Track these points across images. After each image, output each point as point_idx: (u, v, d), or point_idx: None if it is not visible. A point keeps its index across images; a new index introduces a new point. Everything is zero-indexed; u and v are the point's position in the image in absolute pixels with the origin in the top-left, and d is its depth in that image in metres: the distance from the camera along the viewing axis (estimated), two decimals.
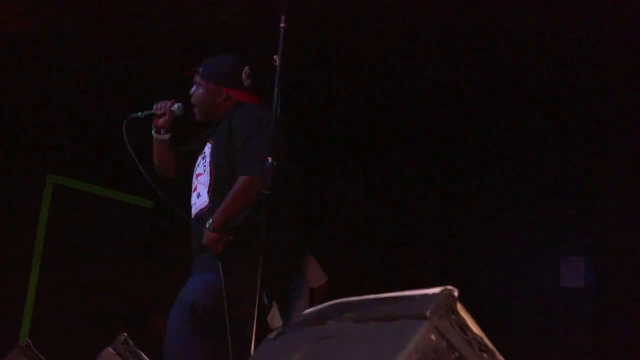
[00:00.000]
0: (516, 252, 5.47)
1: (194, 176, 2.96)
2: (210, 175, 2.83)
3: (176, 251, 6.24)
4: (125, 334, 2.51)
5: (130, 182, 5.88)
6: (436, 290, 1.18)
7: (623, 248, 4.88)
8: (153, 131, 2.97)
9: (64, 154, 6.05)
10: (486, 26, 4.29)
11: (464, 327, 1.16)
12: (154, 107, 2.94)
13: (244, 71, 2.95)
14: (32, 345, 2.89)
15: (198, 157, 2.98)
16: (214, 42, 4.70)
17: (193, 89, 2.98)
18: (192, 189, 2.94)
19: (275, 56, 2.49)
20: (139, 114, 2.94)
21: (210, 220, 2.70)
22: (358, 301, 1.39)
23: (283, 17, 2.48)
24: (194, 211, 2.89)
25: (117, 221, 6.30)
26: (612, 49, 4.36)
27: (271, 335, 1.66)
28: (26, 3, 4.32)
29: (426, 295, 1.19)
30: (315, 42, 4.45)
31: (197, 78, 2.95)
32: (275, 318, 3.13)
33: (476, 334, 1.17)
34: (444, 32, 4.37)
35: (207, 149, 2.91)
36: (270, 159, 2.40)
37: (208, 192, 2.81)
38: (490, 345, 1.18)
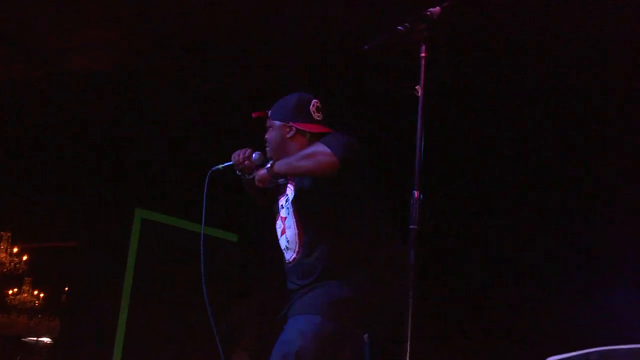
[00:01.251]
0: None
1: (279, 218, 2.89)
2: (296, 220, 2.75)
3: (260, 284, 6.39)
4: None
5: (216, 216, 6.02)
6: None
7: None
8: (239, 174, 2.94)
9: (151, 189, 6.20)
10: (486, 26, 4.29)
11: None
12: (233, 157, 2.89)
13: (312, 104, 2.87)
14: None
15: (281, 197, 2.89)
16: (214, 42, 4.71)
17: (267, 132, 2.93)
18: (280, 232, 2.86)
19: (417, 87, 2.38)
20: (220, 166, 2.95)
21: (271, 163, 2.67)
22: (631, 350, 1.25)
23: (423, 47, 2.40)
24: (288, 257, 2.81)
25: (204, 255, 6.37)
26: (612, 49, 4.36)
27: None
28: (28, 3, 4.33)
29: None
30: None
31: (268, 122, 2.91)
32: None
33: None
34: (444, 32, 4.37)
35: (289, 191, 2.81)
36: (417, 193, 2.29)
37: (298, 237, 2.75)
38: None
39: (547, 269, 5.45)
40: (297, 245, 2.74)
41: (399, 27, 2.39)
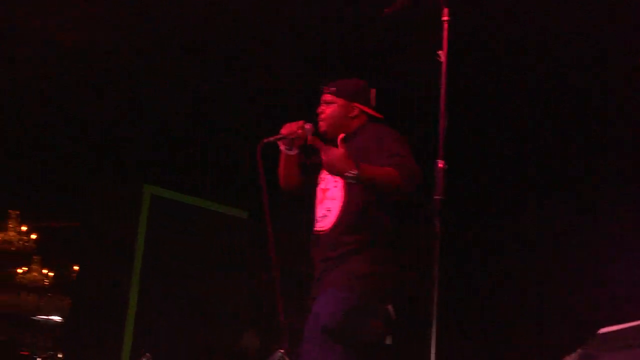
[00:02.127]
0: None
1: (319, 189, 3.03)
2: (344, 192, 2.88)
3: (270, 263, 6.34)
4: (282, 350, 2.47)
5: (226, 193, 6.08)
6: None
7: None
8: (285, 148, 3.05)
9: (160, 165, 6.16)
10: (486, 26, 4.30)
11: None
12: (285, 128, 2.99)
13: (372, 92, 3.08)
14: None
15: (321, 172, 3.02)
16: (214, 42, 4.71)
17: (323, 107, 3.05)
18: (318, 202, 3.01)
19: (439, 52, 2.39)
20: (270, 139, 2.99)
21: (356, 171, 2.67)
22: None
23: (445, 10, 2.40)
24: (323, 225, 2.93)
25: (213, 231, 6.39)
26: (612, 49, 4.36)
27: (572, 359, 1.55)
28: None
29: None
30: None
31: (329, 96, 3.04)
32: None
33: None
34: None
35: None
36: (442, 162, 2.33)
37: (340, 209, 2.88)
38: None
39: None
40: (336, 216, 2.88)
41: None
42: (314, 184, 3.07)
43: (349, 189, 2.87)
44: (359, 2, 4.18)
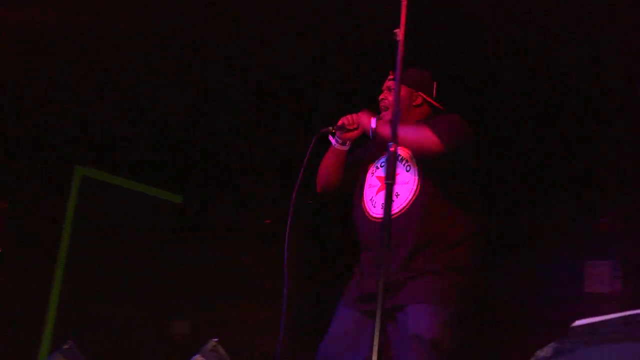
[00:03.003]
0: (540, 257, 5.37)
1: (374, 177, 2.98)
2: (418, 175, 2.85)
3: (202, 248, 6.14)
4: (217, 339, 2.42)
5: (161, 177, 5.91)
6: None
7: None
8: (336, 142, 3.01)
9: (93, 146, 5.94)
10: (485, 25, 4.29)
11: None
12: (344, 121, 2.96)
13: (435, 84, 3.10)
14: (75, 348, 2.82)
15: (373, 163, 3.02)
16: (214, 42, 4.71)
17: (385, 93, 3.05)
18: (377, 190, 2.93)
19: (396, 30, 2.34)
20: (330, 129, 2.96)
21: (377, 119, 2.79)
22: None
23: None
24: (392, 211, 2.86)
25: (145, 215, 6.23)
26: (612, 49, 4.35)
27: (545, 353, 1.54)
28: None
29: None
30: None
31: (393, 83, 3.00)
32: None
33: None
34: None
35: (402, 151, 2.89)
36: (393, 147, 2.29)
37: (412, 192, 2.83)
38: None
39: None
40: (407, 200, 2.82)
41: None
42: (354, 180, 3.03)
43: (424, 172, 2.83)
44: (359, 2, 4.18)
